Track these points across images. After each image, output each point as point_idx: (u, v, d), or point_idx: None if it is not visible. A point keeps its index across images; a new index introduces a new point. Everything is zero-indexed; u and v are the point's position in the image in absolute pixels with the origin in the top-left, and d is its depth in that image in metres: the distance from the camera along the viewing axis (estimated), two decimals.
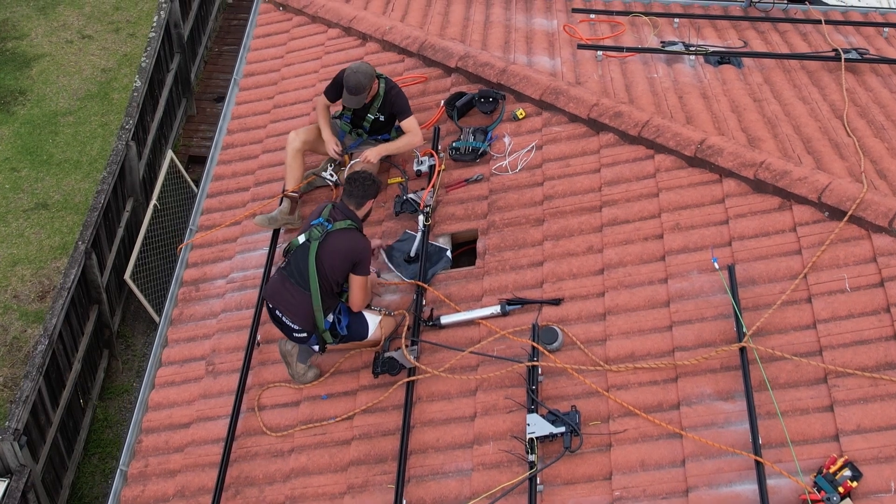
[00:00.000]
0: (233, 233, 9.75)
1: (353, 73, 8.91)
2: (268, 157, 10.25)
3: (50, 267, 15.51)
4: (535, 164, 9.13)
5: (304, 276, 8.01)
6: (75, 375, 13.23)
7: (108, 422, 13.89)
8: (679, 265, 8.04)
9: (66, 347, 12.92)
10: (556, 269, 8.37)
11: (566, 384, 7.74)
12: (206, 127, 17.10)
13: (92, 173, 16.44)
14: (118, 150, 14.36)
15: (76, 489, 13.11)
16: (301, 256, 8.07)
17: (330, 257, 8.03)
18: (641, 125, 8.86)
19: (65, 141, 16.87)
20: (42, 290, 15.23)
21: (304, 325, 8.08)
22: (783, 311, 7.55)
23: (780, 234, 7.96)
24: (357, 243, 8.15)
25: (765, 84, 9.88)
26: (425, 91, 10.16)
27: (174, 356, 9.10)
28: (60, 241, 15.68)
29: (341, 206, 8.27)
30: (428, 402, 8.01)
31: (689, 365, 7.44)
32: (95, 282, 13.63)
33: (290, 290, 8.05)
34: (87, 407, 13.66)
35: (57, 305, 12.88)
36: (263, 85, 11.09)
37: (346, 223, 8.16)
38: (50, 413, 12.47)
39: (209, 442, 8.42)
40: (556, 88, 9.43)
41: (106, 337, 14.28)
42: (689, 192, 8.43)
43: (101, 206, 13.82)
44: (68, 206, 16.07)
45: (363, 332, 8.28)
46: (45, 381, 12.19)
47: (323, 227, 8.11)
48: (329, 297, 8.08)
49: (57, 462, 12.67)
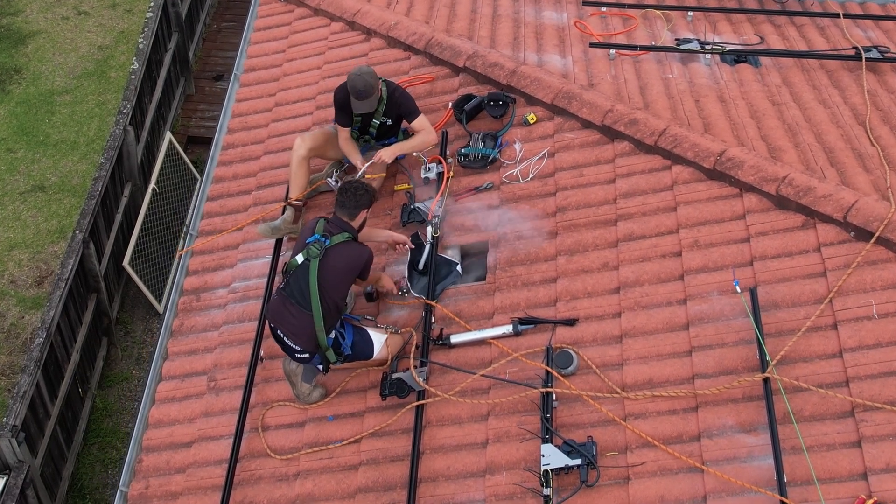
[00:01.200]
0: (234, 239, 9.36)
1: (357, 77, 8.47)
2: (269, 159, 9.84)
3: (47, 251, 15.12)
4: (547, 173, 8.73)
5: (306, 296, 7.65)
6: (74, 366, 12.90)
7: (107, 411, 13.56)
8: (698, 286, 7.66)
9: (64, 339, 12.59)
10: (571, 286, 7.99)
11: (582, 411, 7.38)
12: (205, 106, 16.66)
13: (89, 154, 16.01)
14: (115, 136, 13.94)
15: (76, 480, 12.82)
16: (301, 276, 7.71)
17: (332, 274, 7.68)
18: (658, 134, 8.44)
19: (61, 121, 16.43)
20: (39, 276, 14.84)
21: (307, 346, 7.74)
22: (807, 338, 7.19)
23: (803, 255, 7.58)
24: (359, 254, 7.84)
25: (783, 86, 9.45)
26: (432, 91, 9.73)
27: (175, 370, 8.73)
28: (58, 224, 15.28)
29: (335, 219, 7.91)
30: (438, 427, 7.66)
31: (710, 394, 7.06)
32: (93, 271, 13.27)
33: (291, 310, 7.70)
34: (86, 397, 13.32)
35: (55, 297, 12.53)
36: (265, 81, 10.65)
37: (344, 236, 7.81)
38: (48, 406, 12.15)
39: (211, 463, 8.08)
40: (568, 92, 9.00)
41: (105, 325, 13.94)
42: (709, 206, 8.04)
43: (98, 193, 13.43)
44: (65, 188, 15.65)
45: (368, 351, 7.93)
46: (43, 373, 11.85)
47: (320, 243, 7.75)
48: (331, 316, 7.74)
49: (56, 454, 12.37)
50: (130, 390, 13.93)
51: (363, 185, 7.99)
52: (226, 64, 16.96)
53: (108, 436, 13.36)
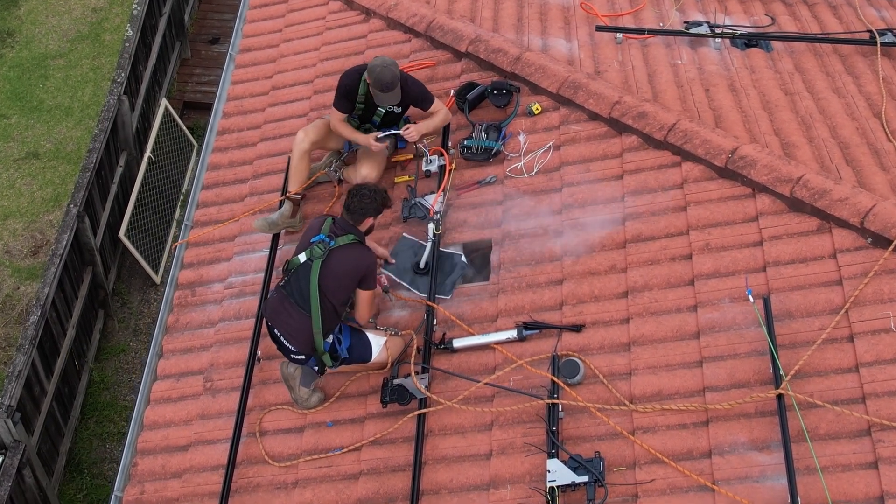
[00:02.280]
0: (230, 231, 9.00)
1: (384, 69, 8.08)
2: (266, 146, 9.45)
3: (42, 220, 14.78)
4: (552, 167, 8.35)
5: (305, 297, 7.33)
6: (70, 342, 12.64)
7: (104, 384, 13.31)
8: (709, 292, 7.32)
9: (59, 314, 12.30)
10: (577, 289, 7.66)
11: (588, 423, 7.08)
12: (201, 70, 16.24)
13: (84, 120, 15.61)
14: (110, 106, 13.56)
15: (73, 455, 12.60)
16: (302, 276, 7.38)
17: (334, 276, 7.36)
18: (667, 128, 8.06)
19: (55, 86, 16.00)
20: (35, 245, 14.52)
21: (303, 348, 7.46)
22: (822, 351, 6.87)
23: (818, 262, 7.23)
24: (363, 259, 7.50)
25: (796, 73, 9.05)
26: (433, 77, 9.32)
27: (170, 369, 8.42)
28: (53, 192, 14.93)
29: (341, 221, 7.57)
30: (440, 436, 7.36)
31: (722, 409, 6.75)
32: (89, 245, 12.97)
33: (289, 310, 7.40)
34: (82, 371, 13.05)
35: (49, 273, 12.22)
36: (261, 62, 10.23)
37: (350, 238, 7.47)
38: (44, 383, 11.89)
39: (208, 469, 7.80)
40: (574, 82, 8.60)
41: (101, 297, 13.63)
42: (720, 207, 7.68)
43: (92, 166, 13.09)
44: (60, 155, 15.28)
45: (366, 354, 7.62)
46: (38, 350, 11.59)
47: (325, 244, 7.41)
48: (330, 319, 7.43)
49: (53, 430, 12.16)
50: (128, 362, 13.68)
51: (372, 191, 7.58)
52: (222, 27, 16.49)
53: (105, 409, 13.12)
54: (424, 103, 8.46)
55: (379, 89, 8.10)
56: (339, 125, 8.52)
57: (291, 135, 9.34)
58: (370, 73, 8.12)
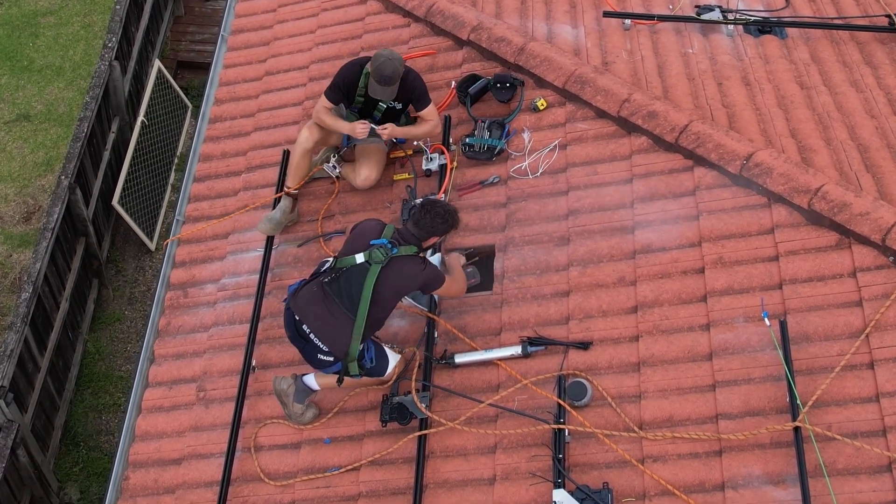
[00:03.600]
0: (223, 227, 8.55)
1: (387, 62, 7.56)
2: (260, 137, 8.96)
3: (35, 185, 14.29)
4: (558, 168, 7.88)
5: (354, 300, 6.81)
6: (63, 315, 12.23)
7: (99, 354, 12.94)
8: (723, 310, 6.90)
9: (52, 289, 11.88)
10: (584, 303, 7.23)
11: (596, 450, 6.71)
12: (194, 28, 15.64)
13: (75, 80, 15.05)
14: (101, 72, 13.03)
15: (69, 427, 12.26)
16: (355, 277, 6.85)
17: (391, 285, 6.87)
18: (679, 130, 7.58)
19: (46, 45, 15.41)
20: (27, 211, 14.06)
21: (337, 350, 6.91)
22: (841, 379, 6.48)
23: (837, 280, 6.80)
24: (423, 273, 6.96)
25: (812, 63, 8.52)
26: (434, 66, 8.80)
27: (162, 376, 8.02)
28: (45, 156, 14.43)
29: (405, 231, 7.05)
30: (442, 458, 6.99)
31: (736, 439, 6.37)
32: (81, 216, 12.52)
33: (331, 309, 6.86)
34: (77, 342, 12.66)
35: (41, 248, 11.81)
36: (254, 45, 9.68)
37: (412, 249, 6.99)
38: (38, 359, 11.54)
39: (202, 485, 7.44)
40: (581, 76, 8.09)
41: (94, 267, 13.19)
42: (734, 217, 7.23)
43: (84, 135, 12.61)
44: (52, 117, 14.75)
45: (383, 367, 7.22)
46: (31, 327, 11.23)
47: (387, 249, 6.90)
48: (371, 326, 6.95)
49: (47, 405, 11.83)
50: (123, 331, 13.29)
51: (447, 212, 7.03)
52: None
53: (100, 380, 12.76)
54: (419, 103, 7.96)
55: (376, 80, 7.60)
56: (324, 113, 7.99)
57: (286, 125, 8.89)
58: (374, 60, 7.62)
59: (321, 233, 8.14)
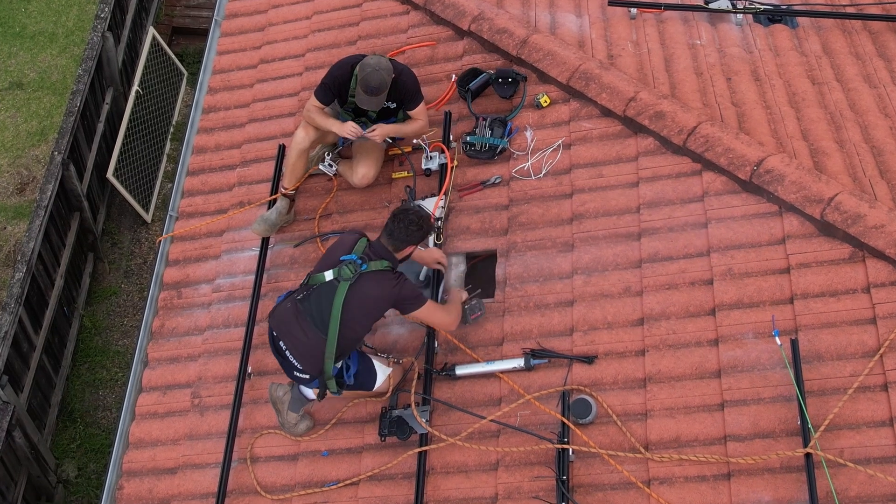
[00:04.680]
0: (218, 225, 8.24)
1: (374, 73, 7.19)
2: (255, 129, 8.60)
3: (28, 155, 13.93)
4: (561, 169, 7.55)
5: (324, 318, 6.53)
6: (58, 291, 11.93)
7: (96, 329, 12.68)
8: (732, 325, 6.61)
9: (46, 266, 11.59)
10: (589, 314, 6.94)
11: (601, 470, 6.47)
12: None
13: (69, 47, 14.62)
14: (93, 44, 12.65)
15: (66, 404, 12.01)
16: (325, 295, 6.56)
17: (360, 303, 6.56)
18: (687, 132, 7.24)
19: (38, 10, 14.96)
20: (21, 182, 13.71)
21: (310, 369, 6.66)
22: (854, 401, 6.20)
23: (850, 296, 6.50)
24: (394, 288, 6.62)
25: (824, 55, 8.16)
26: (433, 58, 8.43)
27: (156, 380, 7.75)
28: (38, 125, 14.04)
29: (378, 244, 6.72)
30: (443, 475, 6.75)
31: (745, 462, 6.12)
32: (75, 191, 12.17)
33: (303, 327, 6.58)
34: (72, 317, 12.39)
35: (34, 227, 11.50)
36: (248, 30, 9.28)
37: (384, 264, 6.64)
38: (32, 338, 11.28)
39: (197, 497, 7.22)
40: (585, 72, 7.73)
41: (90, 241, 12.87)
42: (743, 226, 6.91)
43: (77, 109, 12.24)
44: (45, 85, 14.35)
45: (370, 383, 6.93)
46: (25, 306, 10.97)
47: (356, 265, 6.59)
48: (345, 345, 6.65)
49: (43, 383, 11.59)
50: (119, 305, 13.02)
51: (420, 218, 6.69)
52: None
53: (97, 355, 12.51)
54: (410, 103, 7.61)
55: (362, 89, 7.25)
56: (315, 113, 7.64)
57: (281, 116, 8.55)
58: (361, 68, 7.26)
59: (318, 233, 7.83)
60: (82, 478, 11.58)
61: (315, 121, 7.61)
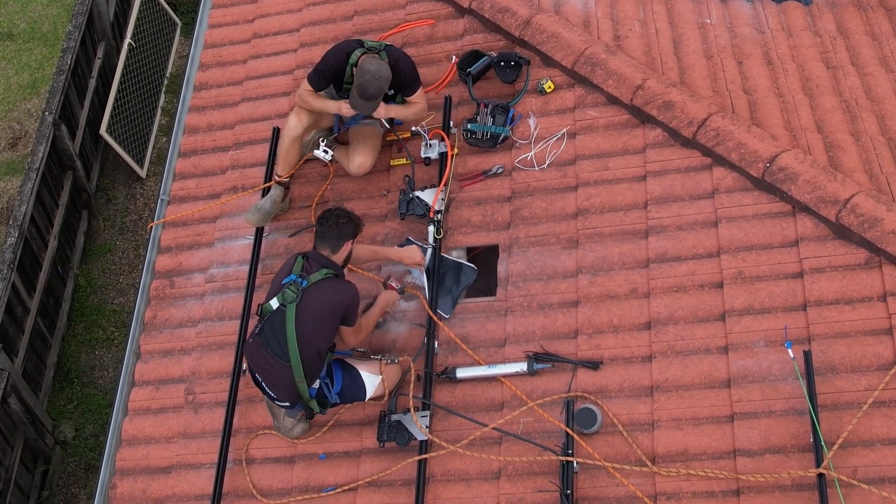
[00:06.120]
0: (211, 212, 7.85)
1: (374, 80, 6.80)
2: (248, 108, 8.17)
3: (20, 109, 13.46)
4: (566, 160, 7.15)
5: (283, 347, 6.29)
6: (52, 253, 11.56)
7: (91, 287, 12.32)
8: (742, 332, 6.28)
9: (39, 228, 11.21)
10: (594, 316, 6.60)
11: (606, 483, 6.18)
12: None
13: None
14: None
15: (62, 364, 11.70)
16: (277, 324, 6.32)
17: (313, 319, 6.30)
18: (697, 125, 6.83)
19: None
20: (13, 137, 13.26)
21: (286, 398, 6.45)
22: (869, 417, 5.90)
23: (865, 304, 6.15)
24: (342, 294, 6.39)
25: (838, 36, 7.72)
26: (433, 37, 7.97)
27: (149, 374, 7.43)
28: (29, 78, 13.55)
29: (314, 254, 6.49)
30: (443, 483, 6.47)
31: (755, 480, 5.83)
32: (67, 150, 11.74)
33: (268, 359, 6.36)
34: (67, 277, 12.04)
35: (25, 189, 11.11)
36: (241, 1, 8.76)
37: (324, 272, 6.37)
38: (27, 302, 10.93)
39: (192, 498, 6.94)
40: (591, 57, 7.29)
41: (83, 199, 12.45)
42: (755, 226, 6.54)
43: (68, 67, 11.77)
44: (35, 36, 13.83)
45: (359, 395, 6.64)
46: (18, 271, 10.63)
47: (297, 285, 6.33)
48: (313, 365, 6.38)
49: (39, 345, 11.27)
50: (115, 262, 12.64)
51: (345, 212, 6.50)
52: None
53: (92, 314, 12.17)
54: (408, 88, 7.21)
55: (358, 93, 6.85)
56: (309, 96, 7.23)
57: (275, 96, 8.12)
58: (359, 72, 6.85)
59: (315, 222, 7.44)
60: (79, 439, 11.32)
61: (311, 104, 7.20)
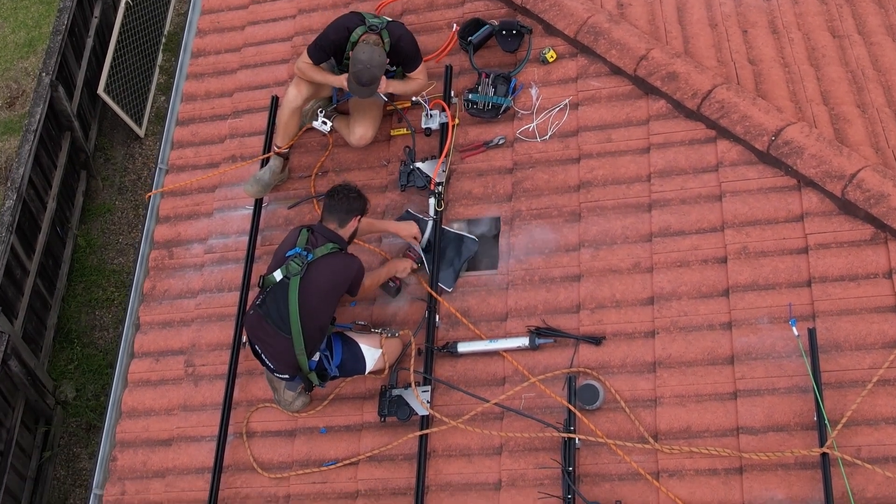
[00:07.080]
0: (210, 181, 7.70)
1: (366, 69, 6.64)
2: (246, 76, 7.99)
3: (17, 68, 13.27)
4: (568, 131, 6.99)
5: (285, 319, 6.17)
6: (51, 214, 11.42)
7: (90, 247, 12.22)
8: (746, 308, 6.16)
9: (37, 190, 11.08)
10: (596, 290, 6.48)
11: (608, 459, 6.09)
12: None
13: None
14: None
15: (62, 325, 11.60)
16: (279, 296, 6.19)
17: (317, 293, 6.19)
18: (701, 96, 6.67)
19: None
20: (11, 96, 13.09)
21: (286, 370, 6.36)
22: (873, 395, 5.80)
23: (871, 281, 6.03)
24: (347, 269, 6.29)
25: (845, 3, 7.53)
26: (433, 4, 7.77)
27: (148, 345, 7.31)
28: (26, 36, 13.35)
29: (320, 227, 6.35)
30: (444, 458, 6.37)
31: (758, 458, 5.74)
32: (65, 111, 11.56)
33: (268, 331, 6.25)
34: (66, 237, 11.90)
35: (23, 152, 10.95)
36: None
37: (330, 247, 6.24)
38: (26, 263, 10.81)
39: (192, 471, 6.84)
40: (594, 26, 7.11)
41: (82, 160, 12.29)
42: (760, 200, 6.40)
43: (64, 27, 11.59)
44: None
45: (359, 368, 6.52)
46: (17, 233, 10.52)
47: (302, 258, 6.20)
48: (314, 338, 6.27)
49: (38, 306, 11.15)
50: (114, 222, 12.53)
51: (356, 188, 6.36)
52: None
53: (92, 274, 12.07)
54: (410, 64, 7.05)
55: (354, 80, 6.68)
56: (309, 69, 7.06)
57: (273, 63, 7.95)
58: (354, 58, 6.69)
59: (314, 193, 7.30)
60: (81, 399, 11.25)
61: (312, 76, 7.03)
